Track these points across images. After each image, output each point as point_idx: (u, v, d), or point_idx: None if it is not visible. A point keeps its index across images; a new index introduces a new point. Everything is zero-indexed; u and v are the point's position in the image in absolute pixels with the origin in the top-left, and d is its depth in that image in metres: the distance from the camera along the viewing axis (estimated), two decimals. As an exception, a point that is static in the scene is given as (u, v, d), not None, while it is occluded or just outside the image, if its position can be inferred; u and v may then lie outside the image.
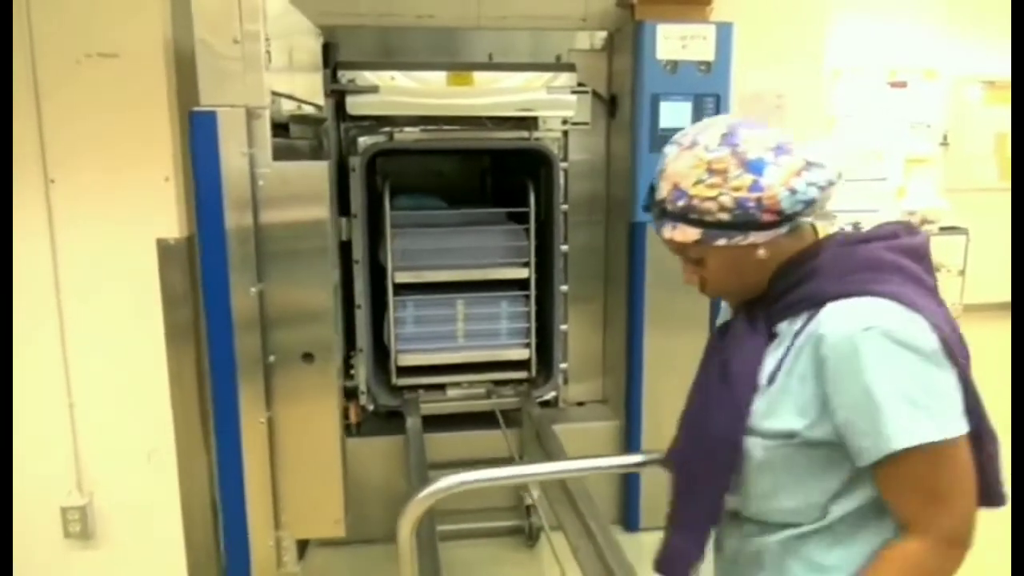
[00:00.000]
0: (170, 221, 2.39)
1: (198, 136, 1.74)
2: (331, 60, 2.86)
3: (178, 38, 2.31)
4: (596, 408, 3.41)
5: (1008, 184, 5.68)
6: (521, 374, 3.27)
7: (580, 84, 3.08)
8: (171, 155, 2.35)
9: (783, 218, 1.14)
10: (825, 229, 1.25)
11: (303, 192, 1.83)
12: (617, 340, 3.26)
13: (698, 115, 2.95)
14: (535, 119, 3.08)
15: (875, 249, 1.18)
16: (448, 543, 2.94)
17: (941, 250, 5.32)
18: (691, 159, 1.16)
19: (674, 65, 2.92)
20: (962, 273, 5.68)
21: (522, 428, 3.06)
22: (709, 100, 2.96)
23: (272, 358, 1.86)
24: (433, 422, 3.04)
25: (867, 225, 1.26)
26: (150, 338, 2.44)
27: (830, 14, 3.60)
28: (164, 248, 2.40)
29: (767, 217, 1.14)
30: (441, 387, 3.21)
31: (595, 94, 3.19)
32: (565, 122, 3.14)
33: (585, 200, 3.28)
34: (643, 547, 3.08)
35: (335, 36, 2.96)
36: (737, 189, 1.13)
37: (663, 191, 1.19)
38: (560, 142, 3.16)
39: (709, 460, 1.22)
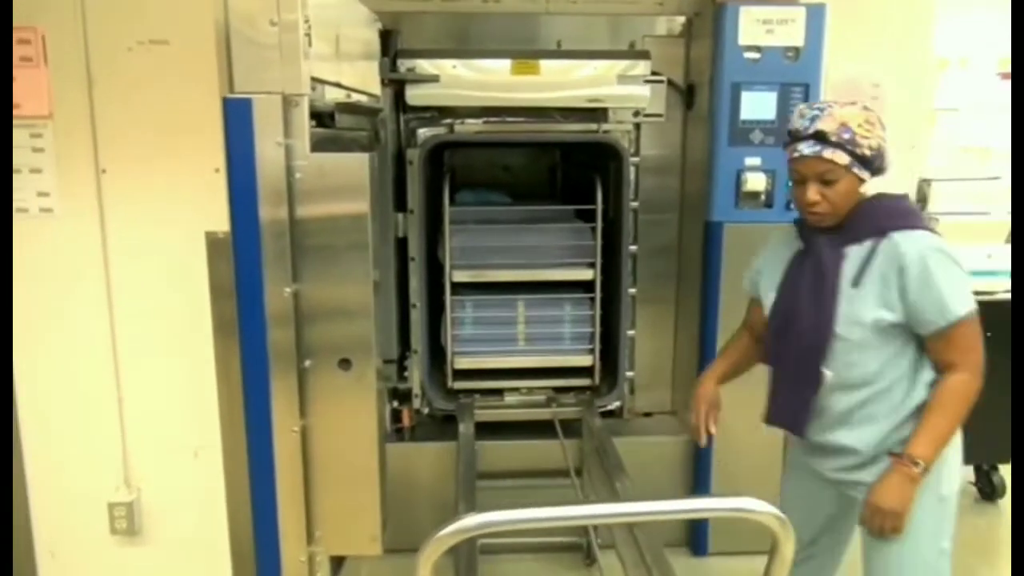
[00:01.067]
0: (220, 214, 2.31)
1: (232, 124, 1.65)
2: (391, 48, 2.75)
3: (230, 24, 2.23)
4: (663, 421, 3.20)
5: None
6: (584, 381, 3.10)
7: (655, 73, 2.88)
8: (221, 145, 2.27)
9: (879, 169, 1.76)
10: None
11: (342, 185, 1.71)
12: (688, 347, 3.05)
13: (784, 106, 2.71)
14: (604, 111, 2.90)
15: (904, 201, 1.84)
16: (495, 557, 2.81)
17: (1057, 257, 4.84)
18: (857, 110, 1.73)
19: (758, 51, 2.68)
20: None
21: (582, 439, 2.88)
22: (797, 90, 2.71)
23: (308, 363, 1.75)
24: (488, 429, 2.90)
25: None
26: (200, 333, 2.38)
27: (937, -2, 3.27)
28: (213, 241, 2.32)
29: (878, 164, 1.74)
30: (499, 392, 3.06)
31: (671, 84, 2.98)
32: (637, 114, 2.95)
33: (657, 197, 3.08)
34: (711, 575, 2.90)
35: (398, 23, 2.85)
36: (880, 137, 1.73)
37: (830, 125, 1.70)
38: (631, 135, 2.98)
39: (814, 339, 1.77)
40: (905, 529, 1.74)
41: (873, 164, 1.72)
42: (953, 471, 1.83)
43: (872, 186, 1.80)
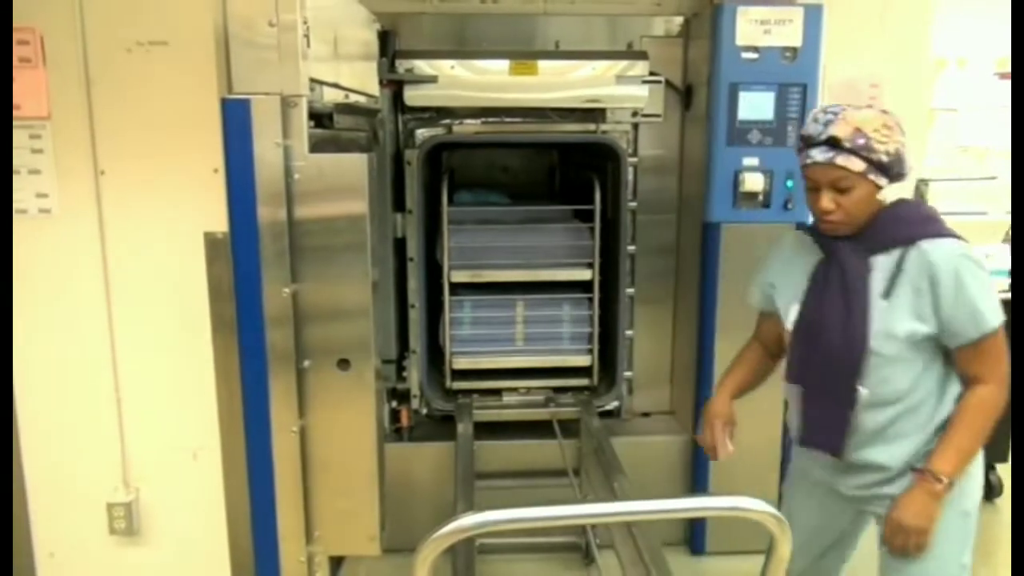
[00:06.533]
0: (219, 214, 2.31)
1: (230, 125, 1.65)
2: (390, 48, 2.75)
3: (228, 25, 2.23)
4: (662, 420, 3.20)
5: None
6: (583, 381, 3.10)
7: (652, 73, 2.88)
8: (220, 146, 2.27)
9: (899, 174, 1.69)
10: None
11: (341, 186, 1.71)
12: (687, 347, 3.05)
13: (782, 106, 2.71)
14: (602, 111, 2.90)
15: (925, 208, 1.83)
16: (494, 557, 2.81)
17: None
18: (873, 114, 1.67)
19: (756, 52, 2.68)
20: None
21: (580, 439, 2.88)
22: (794, 90, 2.71)
23: (307, 363, 1.75)
24: (487, 429, 2.90)
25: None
26: (199, 334, 2.38)
27: (936, -2, 3.28)
28: (211, 242, 2.32)
29: (896, 169, 1.68)
30: (497, 392, 3.06)
31: (668, 84, 2.98)
32: (635, 114, 2.96)
33: (655, 197, 3.08)
34: (707, 575, 2.90)
35: (397, 24, 2.85)
36: (899, 143, 1.67)
37: (843, 130, 1.63)
38: (629, 135, 2.98)
39: (847, 356, 1.69)
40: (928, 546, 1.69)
41: (891, 170, 1.66)
42: (976, 485, 1.77)
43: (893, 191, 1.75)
